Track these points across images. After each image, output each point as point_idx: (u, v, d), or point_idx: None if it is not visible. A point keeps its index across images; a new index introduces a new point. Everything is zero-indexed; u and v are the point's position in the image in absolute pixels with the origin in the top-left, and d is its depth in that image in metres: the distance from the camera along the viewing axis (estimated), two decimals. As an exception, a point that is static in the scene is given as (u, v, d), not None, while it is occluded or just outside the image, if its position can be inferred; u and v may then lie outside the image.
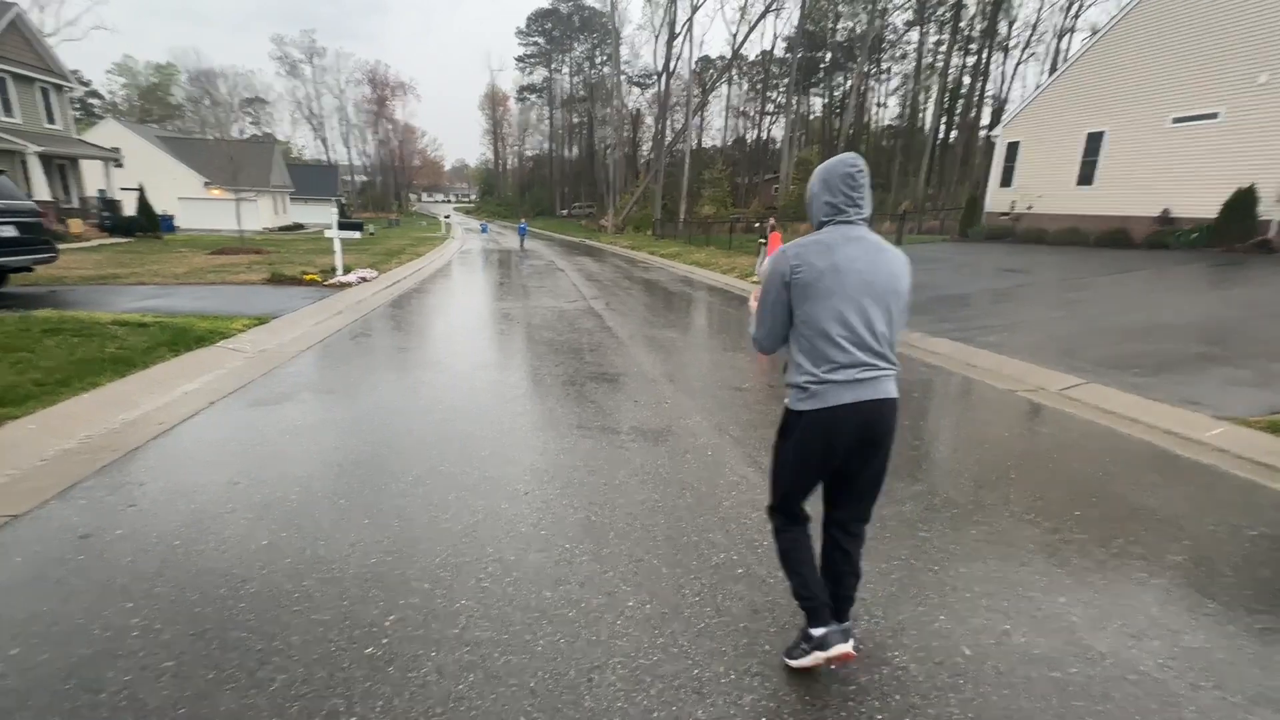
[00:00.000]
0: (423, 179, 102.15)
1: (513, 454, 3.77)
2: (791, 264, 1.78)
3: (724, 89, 56.97)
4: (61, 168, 22.58)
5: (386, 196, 77.00)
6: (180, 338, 6.01)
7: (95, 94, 64.06)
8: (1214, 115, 13.18)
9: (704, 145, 58.85)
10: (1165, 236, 13.36)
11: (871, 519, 2.03)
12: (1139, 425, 4.68)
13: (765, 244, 12.36)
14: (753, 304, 1.98)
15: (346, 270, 11.89)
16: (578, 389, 5.28)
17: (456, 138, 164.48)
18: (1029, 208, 17.39)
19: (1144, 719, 1.84)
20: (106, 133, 32.52)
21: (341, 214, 14.24)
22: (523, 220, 33.22)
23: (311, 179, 49.06)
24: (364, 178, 79.86)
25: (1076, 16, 39.37)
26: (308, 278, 11.09)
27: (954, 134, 45.51)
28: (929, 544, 2.83)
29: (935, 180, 43.81)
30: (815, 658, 1.91)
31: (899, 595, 2.42)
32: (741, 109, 60.47)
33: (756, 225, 14.48)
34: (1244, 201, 12.01)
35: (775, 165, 47.55)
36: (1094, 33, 17.11)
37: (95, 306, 7.67)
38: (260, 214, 34.96)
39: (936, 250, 16.95)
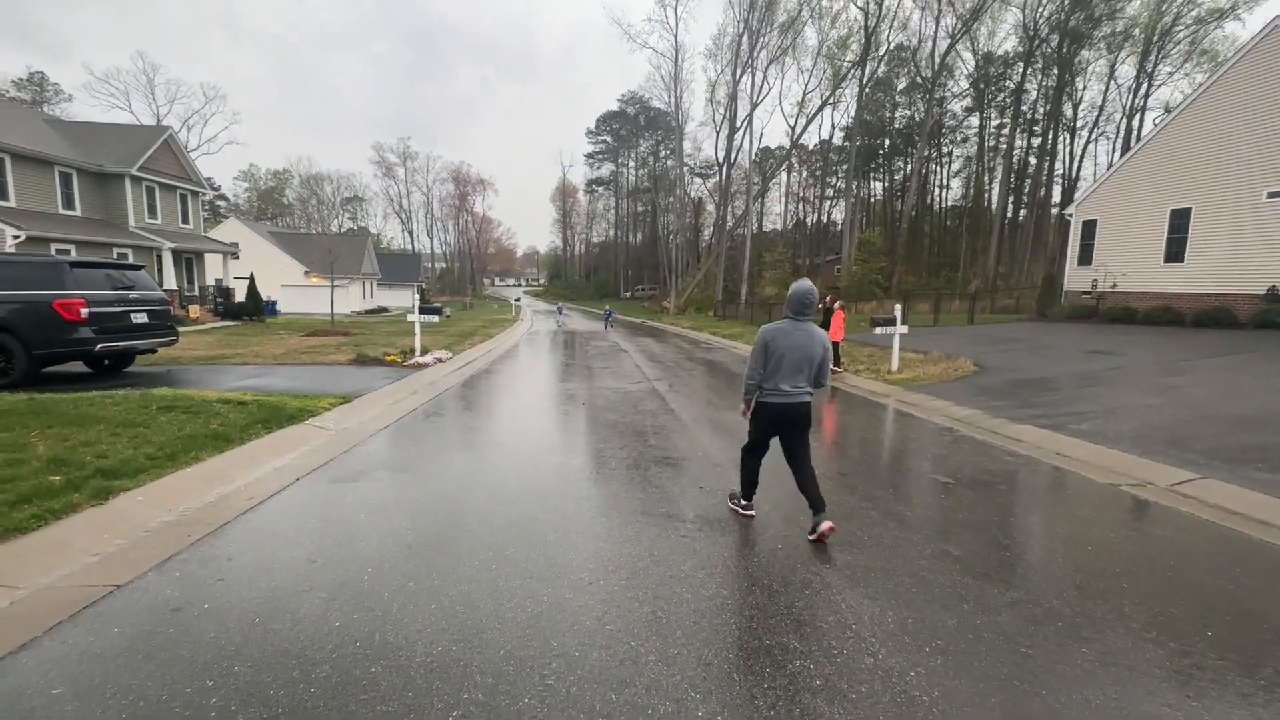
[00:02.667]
0: (496, 264, 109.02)
1: (577, 540, 3.74)
2: (767, 339, 3.87)
3: (783, 176, 58.85)
4: (189, 260, 25.59)
5: (462, 281, 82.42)
6: (274, 415, 6.46)
7: (223, 197, 73.26)
8: (1316, 189, 12.41)
9: (764, 229, 60.28)
10: (1274, 315, 12.31)
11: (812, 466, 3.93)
12: (1271, 529, 4.14)
13: (828, 322, 12.24)
14: (743, 411, 4.15)
15: (424, 351, 12.59)
16: (641, 473, 5.24)
17: (528, 226, 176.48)
18: (1113, 286, 16.56)
19: None
20: (228, 230, 36.94)
21: (421, 298, 15.28)
22: (560, 303, 34.03)
23: (397, 266, 53.36)
24: (443, 264, 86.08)
25: (1147, 96, 38.84)
26: (389, 358, 11.81)
27: (1023, 213, 44.69)
28: (1032, 662, 2.54)
29: (1006, 258, 42.70)
30: (737, 509, 4.28)
31: (1001, 722, 2.16)
32: (801, 194, 62.00)
33: (820, 305, 14.39)
34: (1365, 278, 10.99)
35: (836, 246, 47.85)
36: (1168, 111, 16.75)
37: (204, 385, 8.41)
38: (350, 298, 38.02)
39: (1013, 330, 16.26)
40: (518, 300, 52.44)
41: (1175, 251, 15.41)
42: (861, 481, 5.14)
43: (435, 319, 13.64)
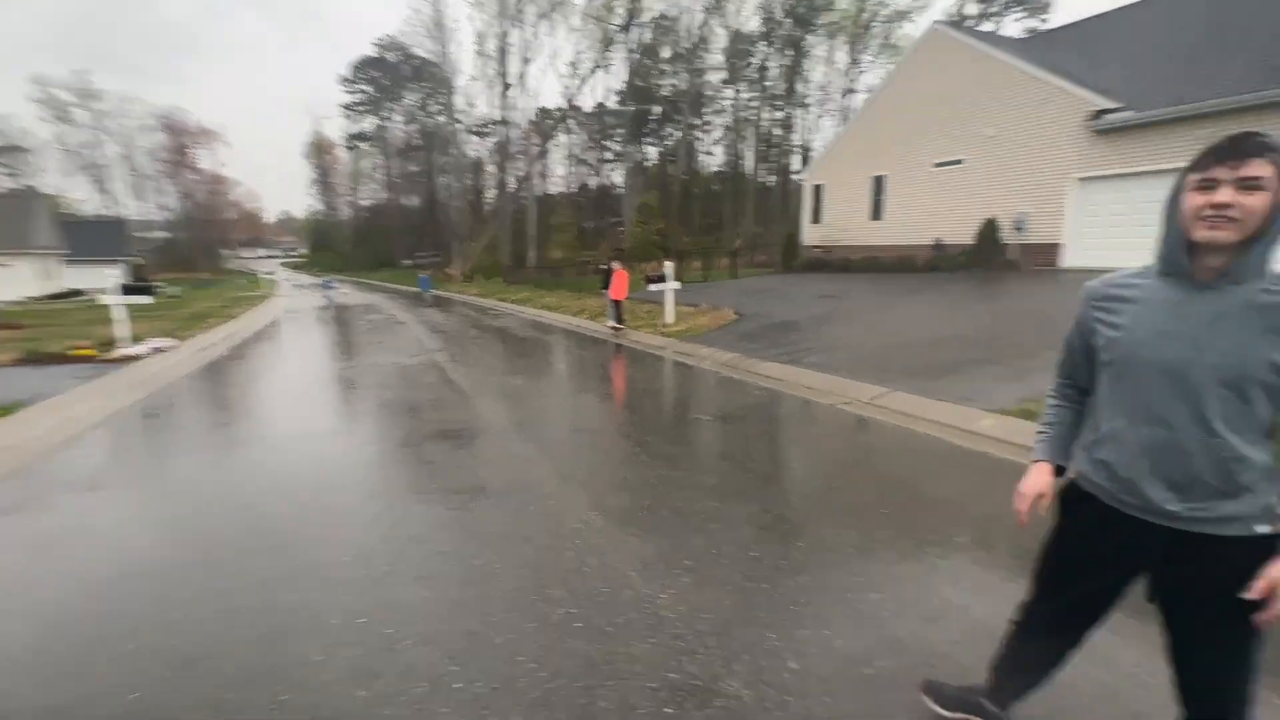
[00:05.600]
0: (241, 232, 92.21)
1: (334, 533, 3.37)
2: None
3: (564, 138, 58.78)
4: None
5: (194, 254, 68.22)
6: (-126, 444, 4.70)
7: None
8: (960, 161, 16.07)
9: (551, 193, 59.93)
10: (939, 261, 15.86)
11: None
12: (930, 424, 5.37)
13: (609, 283, 12.70)
14: None
15: (135, 340, 10.21)
16: (413, 450, 4.92)
17: (279, 189, 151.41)
18: (838, 241, 19.78)
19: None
20: None
21: (136, 275, 12.30)
22: (327, 276, 29.74)
23: (94, 237, 41.93)
24: (166, 234, 70.21)
25: (856, 80, 46.39)
26: (78, 353, 9.34)
27: (774, 178, 50.92)
28: (760, 563, 2.95)
29: (762, 219, 48.46)
30: None
31: (731, 620, 2.48)
32: (582, 157, 62.70)
33: (603, 267, 14.89)
34: (990, 231, 14.66)
35: (620, 210, 49.68)
36: (869, 94, 20.16)
37: None
38: (19, 281, 29.20)
39: (767, 282, 18.58)
40: (270, 274, 45.12)
41: (877, 211, 18.91)
42: (637, 430, 5.47)
43: (146, 299, 11.09)
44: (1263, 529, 1.27)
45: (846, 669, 2.17)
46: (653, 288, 12.17)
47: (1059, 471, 1.60)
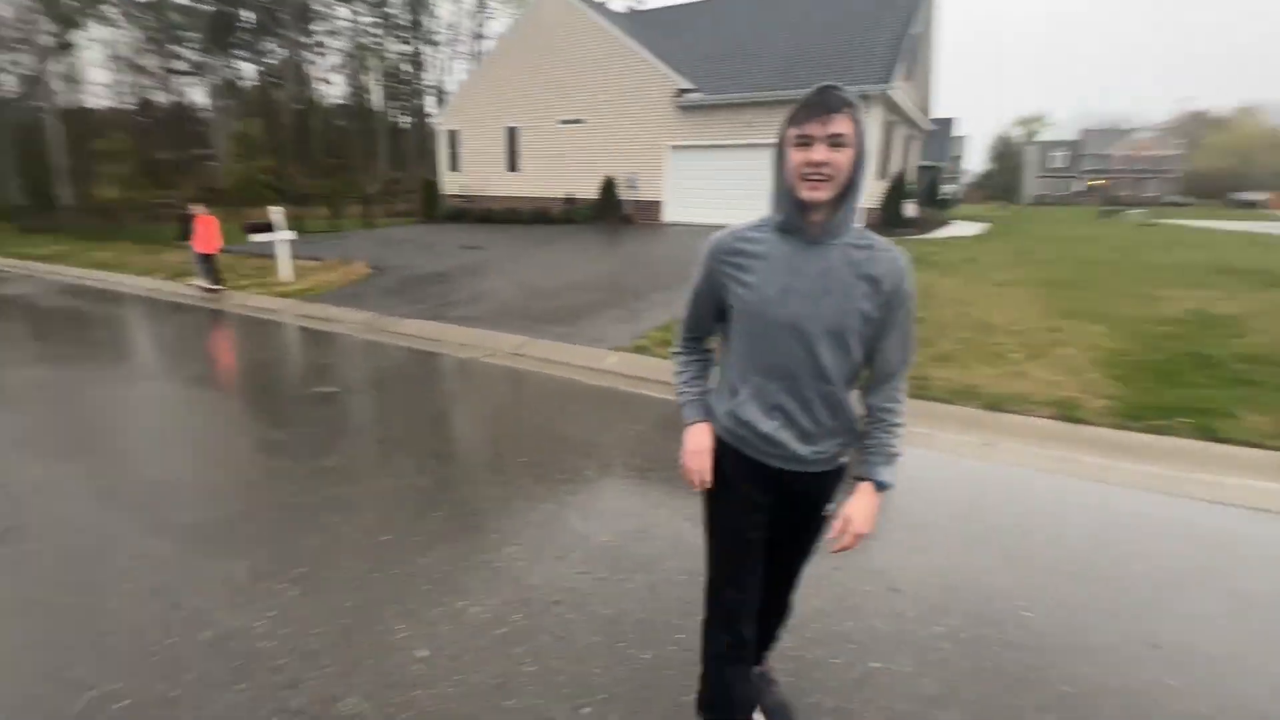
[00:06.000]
0: None
1: None
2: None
3: (102, 31, 42.87)
4: None
5: None
6: None
7: None
8: (582, 121, 17.41)
9: (91, 106, 43.53)
10: (571, 214, 17.17)
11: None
12: (565, 366, 5.75)
13: (191, 232, 9.94)
14: None
15: None
16: None
17: None
18: (480, 191, 19.54)
19: (565, 646, 2.12)
20: None
21: None
22: None
23: None
24: None
25: (482, 26, 45.67)
26: None
27: (409, 119, 47.12)
28: (391, 547, 2.66)
29: (399, 163, 44.75)
30: None
31: (352, 626, 2.16)
32: (139, 62, 47.03)
33: (186, 213, 11.62)
34: (610, 188, 16.45)
35: (208, 140, 39.32)
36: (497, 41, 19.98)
37: None
38: None
39: (407, 231, 17.30)
40: None
41: (514, 163, 19.25)
42: (236, 417, 4.40)
43: None
44: (844, 459, 1.49)
45: (478, 637, 2.10)
46: (257, 239, 9.99)
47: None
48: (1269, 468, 3.47)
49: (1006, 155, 75.03)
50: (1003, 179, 71.86)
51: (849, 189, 1.27)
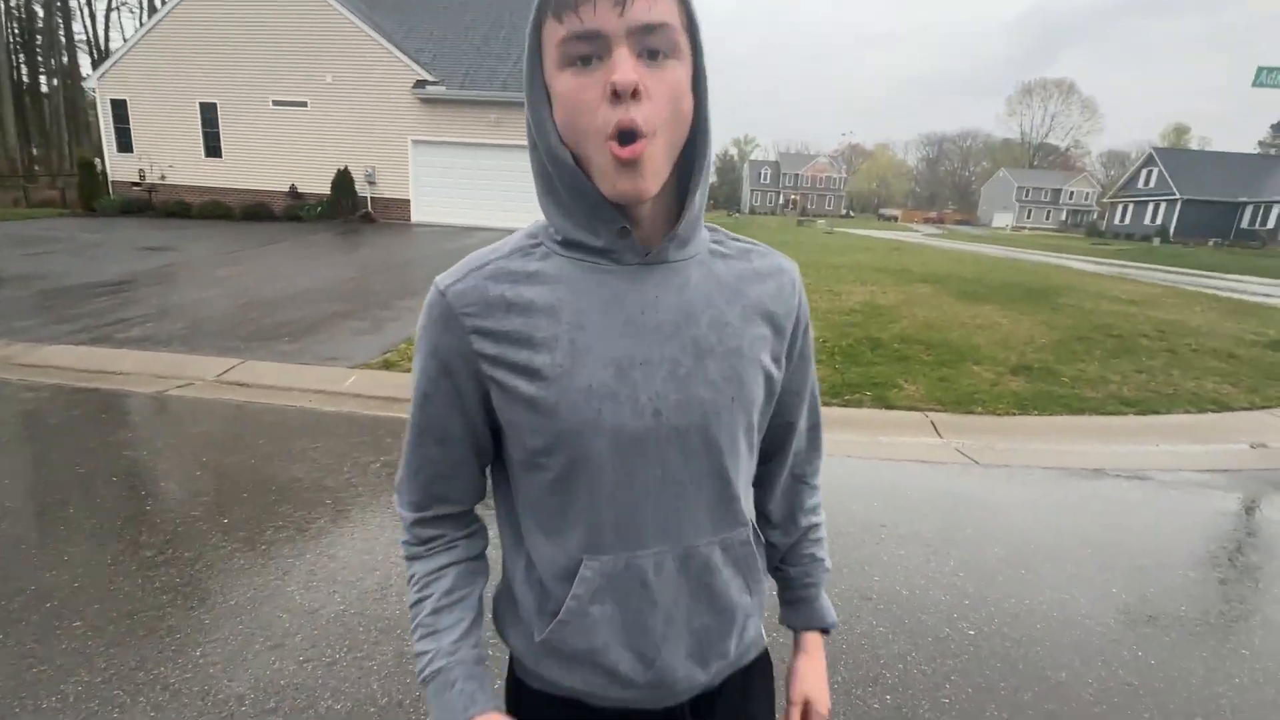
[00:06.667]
0: None
1: None
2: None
3: None
4: None
5: None
6: None
7: None
8: (304, 104, 15.18)
9: None
10: (297, 210, 14.88)
11: None
12: (293, 392, 4.84)
13: None
14: None
15: None
16: None
17: None
18: (162, 178, 15.77)
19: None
20: None
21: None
22: None
23: None
24: None
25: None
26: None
27: (53, 81, 35.92)
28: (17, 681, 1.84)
29: (38, 138, 34.06)
30: None
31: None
32: None
33: None
34: (345, 181, 14.65)
35: None
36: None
37: None
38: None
39: (55, 228, 13.19)
40: None
41: (213, 147, 15.91)
42: None
43: None
44: (762, 639, 0.82)
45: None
46: None
47: None
48: (924, 426, 4.44)
49: (726, 169, 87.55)
50: (724, 190, 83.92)
51: (695, 145, 0.62)
